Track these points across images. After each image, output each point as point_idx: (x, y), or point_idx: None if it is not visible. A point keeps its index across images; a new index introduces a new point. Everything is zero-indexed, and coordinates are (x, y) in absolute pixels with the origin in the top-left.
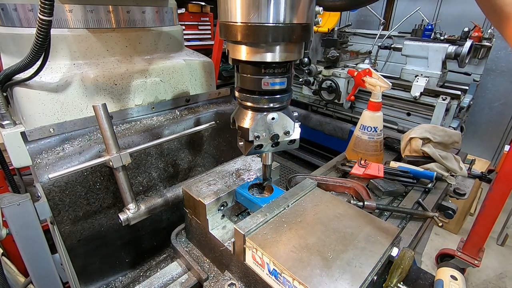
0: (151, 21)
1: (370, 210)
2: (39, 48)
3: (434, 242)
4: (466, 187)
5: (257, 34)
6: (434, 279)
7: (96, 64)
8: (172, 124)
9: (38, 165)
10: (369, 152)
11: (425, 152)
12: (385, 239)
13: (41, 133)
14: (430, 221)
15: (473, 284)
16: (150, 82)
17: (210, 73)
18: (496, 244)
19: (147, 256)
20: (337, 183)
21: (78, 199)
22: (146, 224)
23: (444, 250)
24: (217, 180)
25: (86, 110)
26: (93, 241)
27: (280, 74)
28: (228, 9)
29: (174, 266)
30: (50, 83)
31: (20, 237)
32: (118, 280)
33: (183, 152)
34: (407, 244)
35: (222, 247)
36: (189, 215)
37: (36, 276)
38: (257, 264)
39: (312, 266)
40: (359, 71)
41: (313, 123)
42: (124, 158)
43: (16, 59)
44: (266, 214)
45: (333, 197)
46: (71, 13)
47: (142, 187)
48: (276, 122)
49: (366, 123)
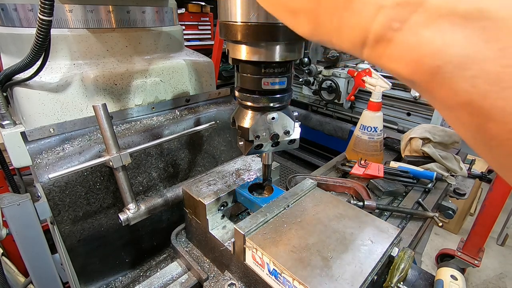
0: (151, 21)
1: (370, 210)
2: (39, 48)
3: (434, 242)
4: (466, 187)
5: (257, 34)
6: (434, 279)
7: (96, 64)
8: (172, 124)
9: (38, 165)
10: (369, 152)
11: (425, 152)
12: (385, 239)
13: (41, 133)
14: (430, 221)
15: (473, 284)
16: (150, 82)
17: (210, 73)
18: (496, 244)
19: (147, 256)
20: (337, 183)
21: (78, 199)
22: (146, 224)
23: (444, 250)
24: (217, 180)
25: (86, 110)
26: (93, 241)
27: (280, 73)
28: (228, 9)
29: (174, 266)
30: (50, 83)
31: (20, 237)
32: (118, 280)
33: (183, 152)
34: (407, 244)
35: (222, 247)
36: (189, 215)
37: (36, 276)
38: (257, 264)
39: (312, 266)
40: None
41: (313, 123)
42: (124, 158)
43: (16, 59)
44: (266, 214)
45: (333, 197)
46: (71, 13)
47: (142, 187)
48: (276, 122)
49: (366, 123)
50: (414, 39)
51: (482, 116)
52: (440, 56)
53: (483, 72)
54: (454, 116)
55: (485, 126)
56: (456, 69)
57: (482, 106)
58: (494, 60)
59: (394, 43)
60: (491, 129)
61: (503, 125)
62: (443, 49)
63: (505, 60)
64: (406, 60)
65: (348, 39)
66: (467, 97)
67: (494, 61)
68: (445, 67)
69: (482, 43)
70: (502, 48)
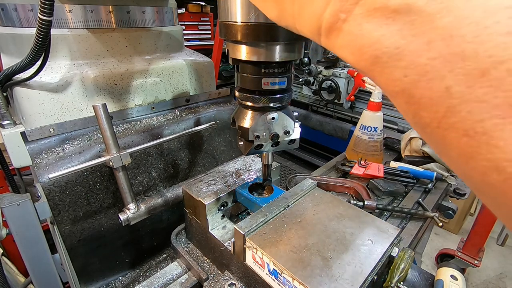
0: (151, 21)
1: (370, 210)
2: (39, 48)
3: (434, 242)
4: (466, 187)
5: (257, 34)
6: (434, 279)
7: (96, 64)
8: (172, 124)
9: (38, 165)
10: (369, 152)
11: (425, 152)
12: (385, 239)
13: (41, 133)
14: (430, 221)
15: (473, 284)
16: (150, 82)
17: (210, 73)
18: (496, 244)
19: (147, 256)
20: (337, 183)
21: (78, 199)
22: (146, 224)
23: (444, 250)
24: (217, 180)
25: (86, 110)
26: (93, 241)
27: (280, 73)
28: (228, 9)
29: (174, 266)
30: (50, 83)
31: (20, 237)
32: (118, 280)
33: (183, 152)
34: (407, 244)
35: (222, 247)
36: (189, 215)
37: (36, 276)
38: (257, 264)
39: (312, 266)
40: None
41: (313, 123)
42: (124, 158)
43: (16, 59)
44: (266, 214)
45: (333, 197)
46: (71, 13)
47: (142, 187)
48: (276, 122)
49: (366, 123)
50: (357, 29)
51: (415, 105)
52: (377, 46)
53: (412, 63)
54: (395, 103)
55: (419, 114)
56: (391, 59)
57: (414, 95)
58: (421, 52)
59: (343, 33)
60: (424, 117)
61: (432, 113)
62: (380, 40)
63: (430, 53)
64: (352, 49)
65: (307, 27)
66: (401, 86)
67: (421, 53)
68: (382, 57)
69: (411, 36)
70: (427, 42)
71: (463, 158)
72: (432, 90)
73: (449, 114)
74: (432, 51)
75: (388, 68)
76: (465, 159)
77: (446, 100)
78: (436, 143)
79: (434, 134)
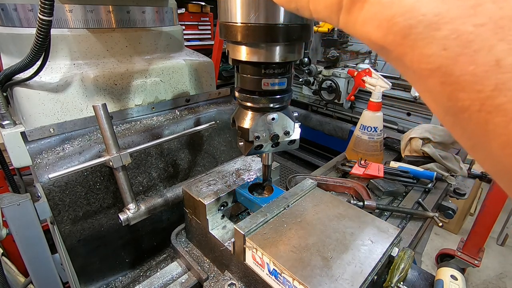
0: (151, 21)
1: (370, 210)
2: (39, 48)
3: (434, 242)
4: (466, 187)
5: (257, 35)
6: (434, 279)
7: (96, 64)
8: (172, 124)
9: (38, 165)
10: (369, 152)
11: (425, 152)
12: (385, 239)
13: (41, 133)
14: (430, 221)
15: (473, 284)
16: (150, 82)
17: (210, 73)
18: (496, 244)
19: (147, 256)
20: (337, 183)
21: (78, 199)
22: (146, 224)
23: (444, 250)
24: (217, 180)
25: (86, 110)
26: (93, 241)
27: (280, 74)
28: (228, 9)
29: (174, 266)
30: (50, 83)
31: (20, 237)
32: (118, 280)
33: (183, 152)
34: (407, 244)
35: (222, 247)
36: (189, 215)
37: (36, 276)
38: (257, 264)
39: (312, 266)
40: (359, 71)
41: (313, 123)
42: (124, 158)
43: (16, 59)
44: (266, 214)
45: (333, 197)
46: (71, 13)
47: (142, 187)
48: (276, 122)
49: (366, 123)
50: None
51: (453, 85)
52: (411, 14)
53: (454, 32)
54: (425, 87)
55: (456, 96)
56: (427, 29)
57: (453, 72)
58: (466, 18)
59: (368, 3)
60: (462, 100)
61: (474, 93)
62: (415, 7)
63: (477, 19)
64: (380, 19)
65: (325, 4)
66: (438, 62)
67: (466, 20)
68: (417, 27)
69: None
70: (474, 5)
71: (509, 148)
72: (477, 64)
73: (496, 93)
74: (479, 15)
75: (423, 40)
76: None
77: (493, 76)
78: (472, 132)
79: (472, 120)
